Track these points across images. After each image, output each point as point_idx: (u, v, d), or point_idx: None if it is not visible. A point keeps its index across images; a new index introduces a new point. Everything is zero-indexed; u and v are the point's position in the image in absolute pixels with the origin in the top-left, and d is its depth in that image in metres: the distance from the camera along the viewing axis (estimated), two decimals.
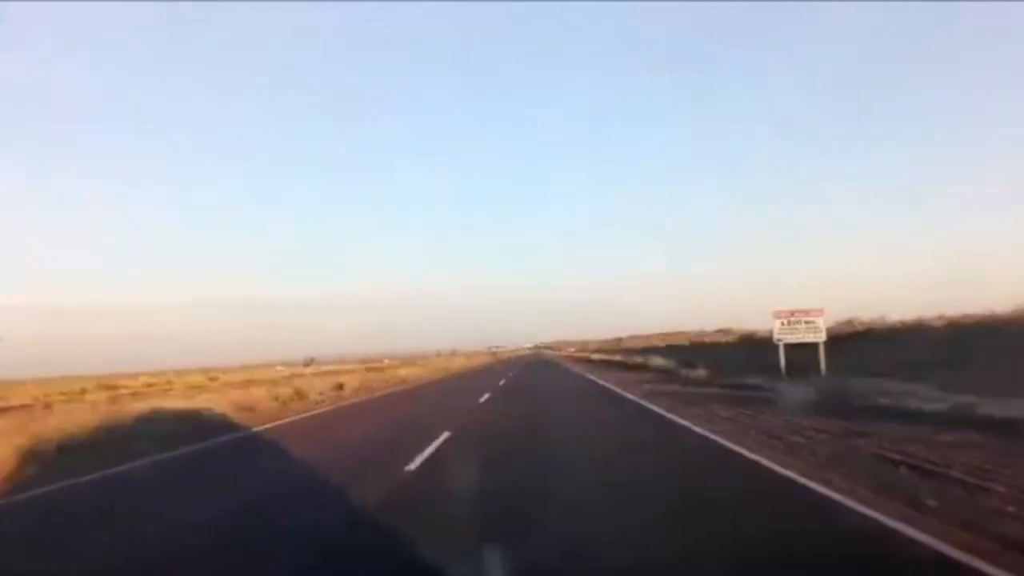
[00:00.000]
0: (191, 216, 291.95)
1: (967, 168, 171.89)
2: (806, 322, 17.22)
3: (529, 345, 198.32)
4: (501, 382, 24.02)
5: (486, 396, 17.00)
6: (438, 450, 7.73)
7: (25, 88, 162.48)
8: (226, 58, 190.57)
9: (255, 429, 11.45)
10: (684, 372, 21.73)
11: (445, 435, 8.87)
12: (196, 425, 11.20)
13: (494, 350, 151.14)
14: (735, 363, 20.99)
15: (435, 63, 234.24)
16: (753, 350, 23.30)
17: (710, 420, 9.67)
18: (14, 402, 24.00)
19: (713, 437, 7.95)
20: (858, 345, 19.88)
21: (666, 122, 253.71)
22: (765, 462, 6.15)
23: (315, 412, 15.02)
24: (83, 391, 31.19)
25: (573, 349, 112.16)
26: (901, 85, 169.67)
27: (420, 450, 7.57)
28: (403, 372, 38.20)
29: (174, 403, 14.46)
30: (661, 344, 53.49)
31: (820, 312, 17.26)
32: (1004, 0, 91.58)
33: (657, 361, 30.03)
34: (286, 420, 13.02)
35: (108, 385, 32.65)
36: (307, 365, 52.99)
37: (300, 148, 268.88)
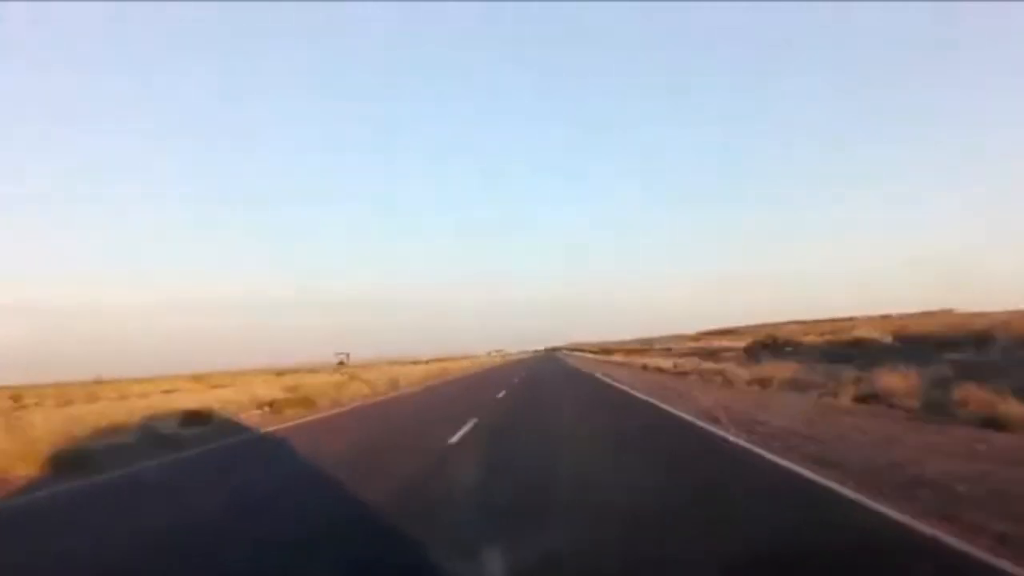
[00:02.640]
0: (191, 216, 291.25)
1: (967, 168, 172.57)
2: None
3: (541, 347, 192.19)
4: None
5: None
6: None
7: (25, 88, 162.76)
8: (226, 58, 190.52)
9: None
10: None
11: None
12: None
13: (494, 353, 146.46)
14: None
15: (436, 63, 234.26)
16: None
17: None
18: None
19: None
20: None
21: (666, 122, 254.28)
22: None
23: None
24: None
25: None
26: (901, 85, 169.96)
27: None
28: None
29: None
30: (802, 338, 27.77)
31: None
32: (1004, 0, 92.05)
33: None
34: None
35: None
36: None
37: (300, 148, 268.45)
